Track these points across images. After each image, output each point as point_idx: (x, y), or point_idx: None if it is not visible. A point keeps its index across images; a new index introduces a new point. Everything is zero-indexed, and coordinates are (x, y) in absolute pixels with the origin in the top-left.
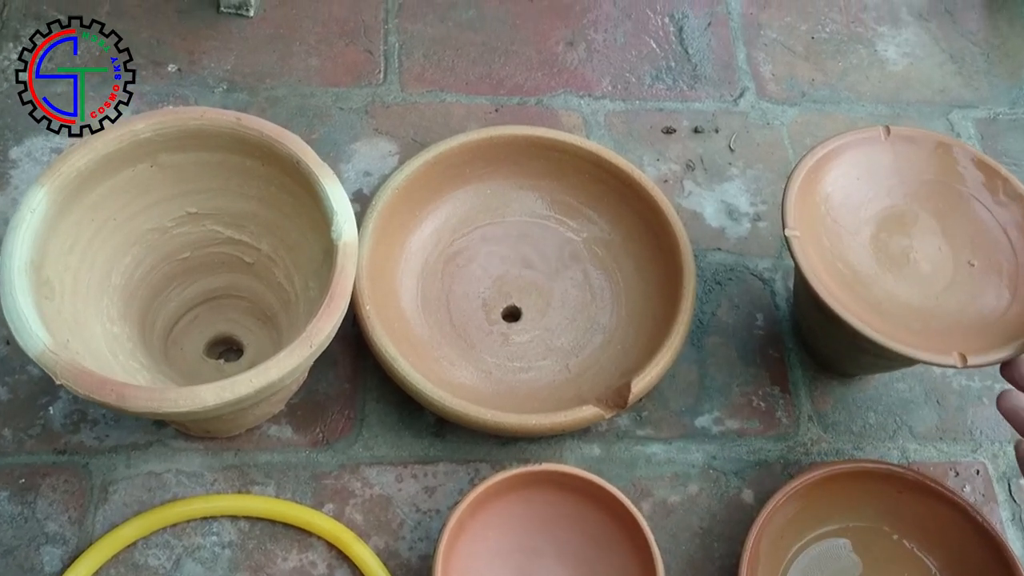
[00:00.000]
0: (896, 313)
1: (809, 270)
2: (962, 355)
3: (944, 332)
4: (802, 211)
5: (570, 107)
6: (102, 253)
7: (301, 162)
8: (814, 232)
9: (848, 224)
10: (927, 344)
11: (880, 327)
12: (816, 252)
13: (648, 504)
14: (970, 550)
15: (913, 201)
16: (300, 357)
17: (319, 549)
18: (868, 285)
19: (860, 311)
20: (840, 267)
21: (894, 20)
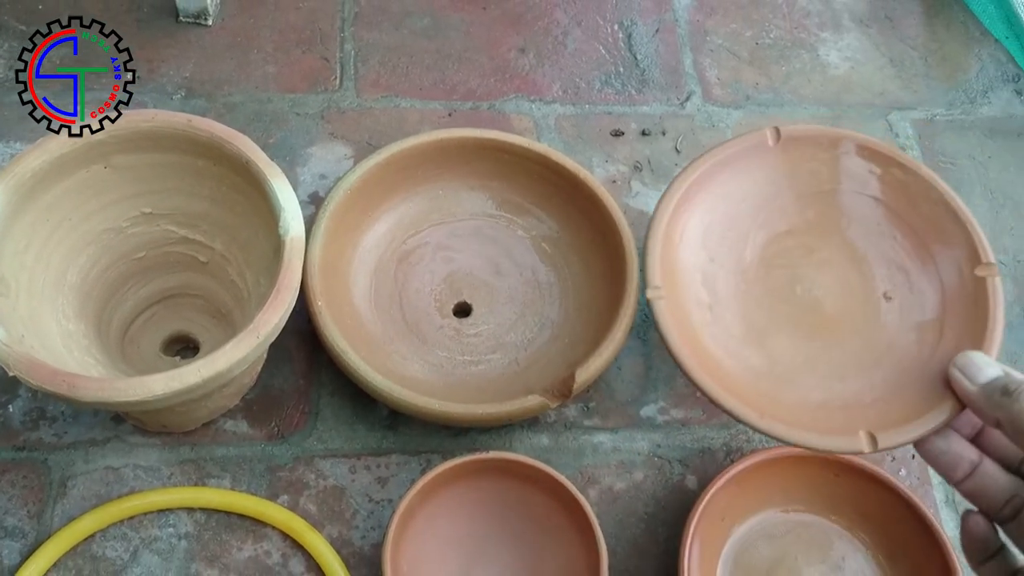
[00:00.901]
0: (795, 378)
1: (680, 348)
2: (871, 436)
3: (852, 399)
4: (673, 258)
5: (521, 111)
6: (57, 253)
7: (250, 161)
8: (687, 286)
9: (732, 265)
10: (828, 423)
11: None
12: (689, 315)
13: (595, 491)
14: (905, 532)
15: (813, 221)
16: (248, 347)
17: (273, 539)
18: (760, 345)
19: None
20: (723, 326)
21: (836, 26)
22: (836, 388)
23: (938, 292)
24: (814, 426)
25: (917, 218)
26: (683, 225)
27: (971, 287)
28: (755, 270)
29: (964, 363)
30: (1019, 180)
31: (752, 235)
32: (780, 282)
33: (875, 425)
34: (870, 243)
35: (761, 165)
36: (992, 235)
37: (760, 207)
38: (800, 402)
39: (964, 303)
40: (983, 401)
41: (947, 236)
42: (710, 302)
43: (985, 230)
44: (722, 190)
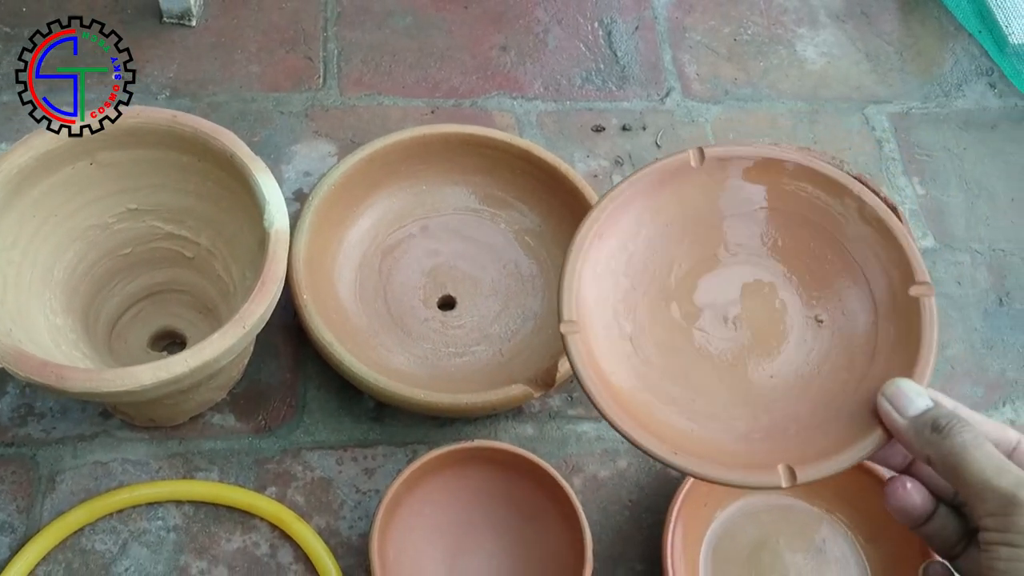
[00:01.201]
0: (718, 411)
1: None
2: (790, 471)
3: (777, 431)
4: (591, 287)
5: (503, 108)
6: (44, 249)
7: (235, 156)
8: (606, 318)
9: (656, 292)
10: (751, 457)
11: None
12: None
13: (579, 479)
14: (884, 514)
15: (741, 244)
16: (234, 337)
17: (262, 530)
18: (682, 377)
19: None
20: (643, 358)
21: (812, 22)
22: (761, 419)
23: (871, 314)
24: (733, 461)
25: (849, 237)
26: (603, 253)
27: (904, 307)
28: (680, 294)
29: (893, 393)
30: (994, 171)
31: (677, 260)
32: (706, 308)
33: (797, 458)
34: (800, 265)
35: (685, 187)
36: (968, 225)
37: (685, 231)
38: (722, 434)
39: (897, 325)
40: (913, 436)
41: (879, 254)
42: (631, 332)
43: (960, 220)
44: (645, 215)
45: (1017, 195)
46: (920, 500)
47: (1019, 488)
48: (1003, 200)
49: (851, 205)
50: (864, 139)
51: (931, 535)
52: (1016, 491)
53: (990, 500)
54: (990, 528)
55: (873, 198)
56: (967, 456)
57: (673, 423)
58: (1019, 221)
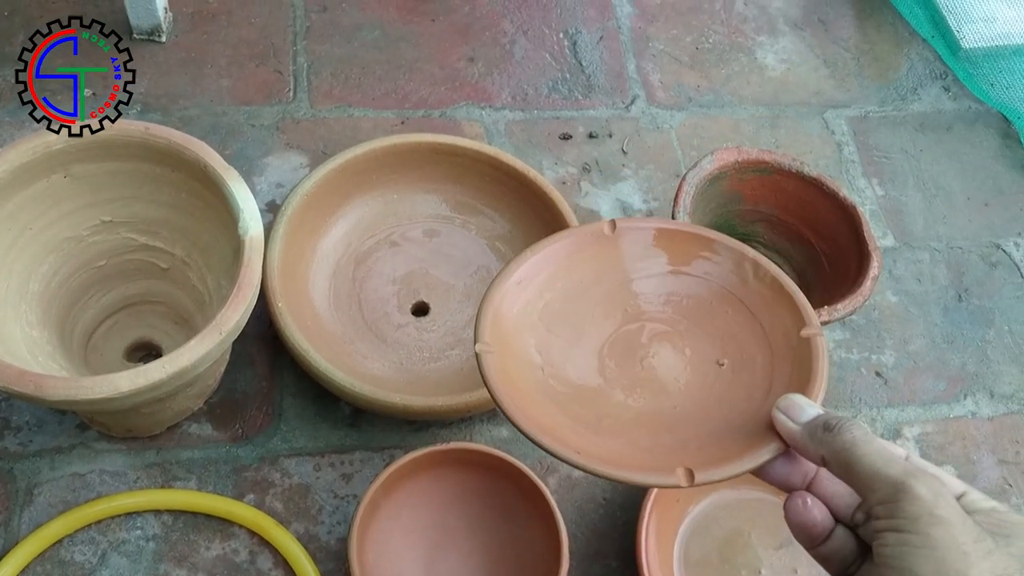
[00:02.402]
0: (623, 431)
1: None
2: (689, 471)
3: (679, 446)
4: (508, 321)
5: (472, 118)
6: (20, 261)
7: (208, 166)
8: (519, 348)
9: (569, 335)
10: (653, 463)
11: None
12: (519, 369)
13: (554, 479)
14: None
15: (651, 300)
16: (210, 344)
17: (241, 537)
18: (591, 402)
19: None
20: (554, 384)
21: (772, 30)
22: (663, 438)
23: (767, 354)
24: (636, 465)
25: (747, 293)
26: (522, 297)
27: (797, 347)
28: (593, 340)
29: (786, 405)
30: (950, 171)
31: (590, 311)
32: (617, 351)
33: (696, 464)
34: (704, 318)
35: (599, 250)
36: (926, 224)
37: (599, 286)
38: (625, 446)
39: (791, 361)
40: (806, 438)
41: (773, 306)
42: (542, 364)
43: (919, 219)
44: (562, 271)
45: (973, 194)
46: (820, 517)
47: (906, 476)
48: (959, 199)
49: (748, 267)
50: (824, 142)
51: (828, 556)
52: (903, 479)
53: (880, 489)
54: (880, 516)
55: (766, 260)
56: (858, 450)
57: (579, 433)
58: (975, 219)
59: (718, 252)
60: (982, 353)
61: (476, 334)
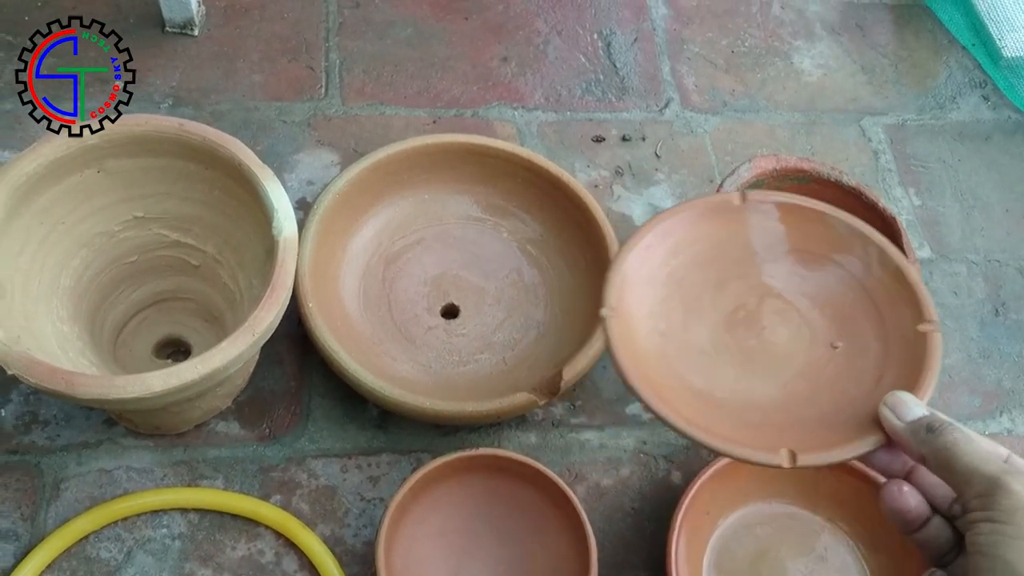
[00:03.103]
0: (734, 405)
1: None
2: (792, 454)
3: (785, 426)
4: (633, 287)
5: (504, 118)
6: (51, 256)
7: (242, 164)
8: (642, 313)
9: (691, 304)
10: (759, 441)
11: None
12: (640, 337)
13: (583, 487)
14: (883, 523)
15: (773, 276)
16: (243, 345)
17: (267, 538)
18: (706, 372)
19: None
20: (672, 352)
21: (809, 34)
22: (772, 416)
23: (882, 343)
24: (742, 441)
25: (868, 279)
26: (648, 263)
27: (913, 340)
28: (713, 311)
29: (894, 402)
30: (988, 182)
31: (714, 281)
32: (735, 323)
33: (800, 446)
34: (824, 300)
35: (725, 223)
36: (963, 236)
37: (721, 259)
38: (734, 422)
39: (905, 354)
40: (909, 436)
41: (894, 295)
42: (664, 329)
43: (956, 231)
44: (688, 239)
45: (1011, 206)
46: (914, 503)
47: (1003, 474)
48: (998, 211)
49: (872, 254)
50: (860, 150)
51: (924, 542)
52: (1000, 475)
53: (976, 484)
54: (975, 508)
55: (892, 249)
56: (957, 449)
57: (692, 404)
58: (1014, 231)
59: (843, 235)
60: (1019, 369)
61: (603, 298)
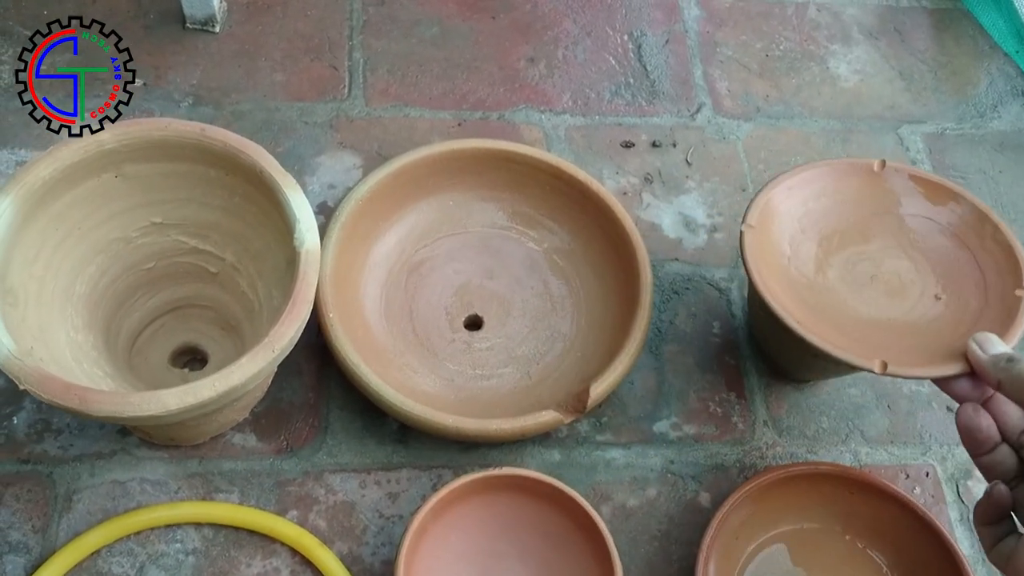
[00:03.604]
0: (840, 322)
1: (754, 266)
2: (883, 362)
3: (881, 346)
4: (771, 214)
5: (531, 122)
6: (67, 262)
7: (264, 172)
8: (777, 234)
9: (817, 238)
10: (856, 349)
11: (814, 326)
12: (771, 252)
13: (608, 508)
14: (920, 549)
15: (895, 231)
16: (263, 362)
17: (283, 555)
18: (820, 295)
19: (795, 309)
20: (795, 273)
21: (845, 39)
22: (872, 336)
23: (982, 302)
24: (842, 345)
25: (981, 250)
26: (789, 201)
27: (1009, 302)
28: (840, 251)
29: (981, 338)
30: None
31: (842, 229)
32: (854, 264)
33: (893, 361)
34: (937, 258)
35: (864, 183)
36: None
37: (854, 212)
38: (839, 331)
39: (1000, 312)
40: (990, 366)
41: (1001, 266)
42: (790, 255)
43: None
44: (828, 189)
45: None
46: (986, 424)
47: None
48: None
49: (988, 229)
50: (898, 159)
51: (990, 466)
52: None
53: None
54: None
55: (1006, 227)
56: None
57: (804, 311)
58: None
59: (965, 210)
60: None
61: (745, 216)
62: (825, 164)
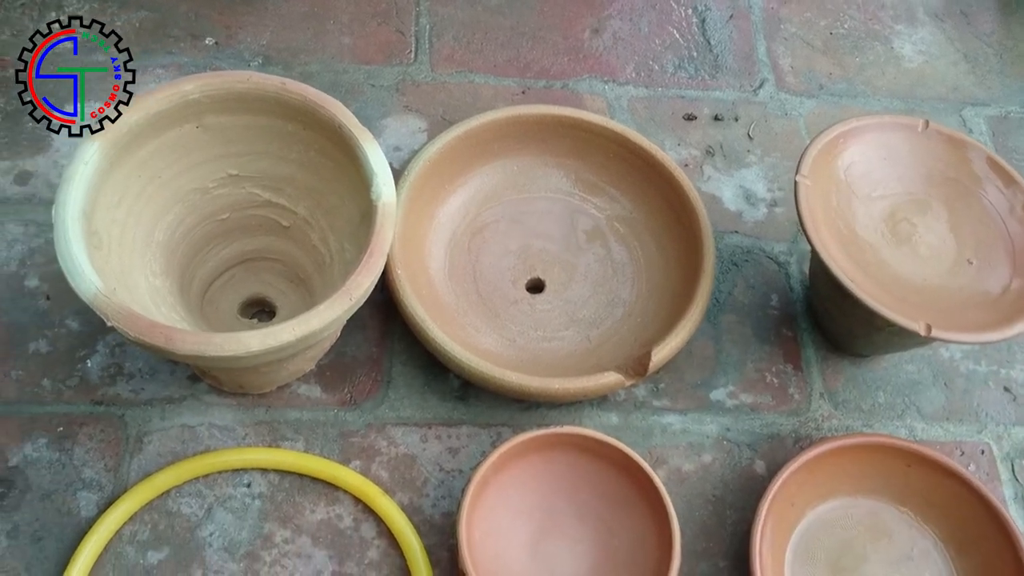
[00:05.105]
0: (879, 277)
1: (808, 215)
2: (928, 325)
3: (921, 306)
4: (820, 166)
5: (595, 91)
6: (147, 209)
7: (343, 126)
8: (825, 188)
9: (861, 193)
10: (901, 310)
11: (864, 285)
12: (820, 204)
13: (663, 472)
14: (974, 524)
15: (931, 194)
16: (340, 309)
17: (346, 503)
18: (862, 248)
19: (843, 262)
20: (840, 226)
21: (911, 19)
22: (911, 296)
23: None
24: (889, 306)
25: (1012, 219)
26: (836, 154)
27: None
28: (878, 205)
29: None
30: None
31: (884, 183)
32: (895, 221)
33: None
34: (971, 225)
35: (907, 140)
36: None
37: (896, 168)
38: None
39: None
40: None
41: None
42: (836, 207)
43: None
44: (871, 145)
45: None
46: None
47: None
48: None
49: (1019, 197)
50: None
51: None
52: None
53: None
54: None
55: None
56: None
57: (848, 263)
58: None
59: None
60: None
61: (799, 166)
62: (870, 119)
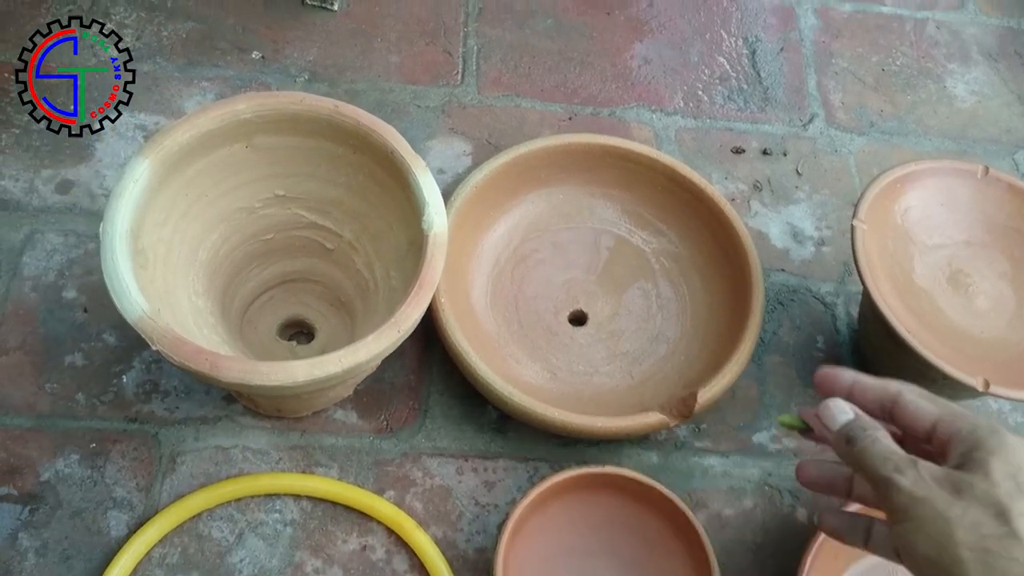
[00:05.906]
0: (935, 327)
1: (864, 261)
2: (986, 381)
3: (977, 359)
4: (877, 210)
5: (642, 120)
6: (193, 228)
7: (395, 152)
8: (882, 232)
9: (918, 239)
10: (957, 363)
11: (919, 335)
12: (876, 250)
13: (703, 515)
14: None
15: (990, 242)
16: (388, 341)
17: (379, 534)
18: (918, 296)
19: (899, 311)
20: (896, 272)
21: (964, 58)
22: (967, 348)
23: None
24: (945, 358)
25: None
26: (894, 199)
27: None
28: (935, 252)
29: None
30: None
31: (942, 230)
32: (952, 269)
33: (994, 379)
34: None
35: (966, 186)
36: None
37: (955, 214)
38: (934, 336)
39: None
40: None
41: None
42: (893, 252)
43: None
44: (931, 192)
45: None
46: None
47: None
48: None
49: None
50: None
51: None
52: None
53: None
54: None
55: None
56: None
57: (903, 310)
58: None
59: None
60: None
61: (856, 210)
62: (930, 163)
